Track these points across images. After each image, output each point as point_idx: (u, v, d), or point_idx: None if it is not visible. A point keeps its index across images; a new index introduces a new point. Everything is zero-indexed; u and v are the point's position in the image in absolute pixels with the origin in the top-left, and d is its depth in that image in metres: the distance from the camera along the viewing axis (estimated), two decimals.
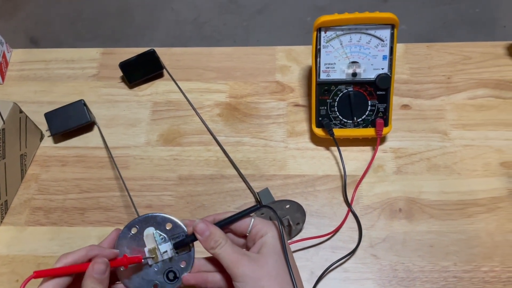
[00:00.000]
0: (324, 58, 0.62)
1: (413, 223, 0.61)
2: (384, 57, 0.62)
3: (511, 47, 0.74)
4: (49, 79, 0.76)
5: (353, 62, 0.62)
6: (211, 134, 0.69)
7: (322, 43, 0.62)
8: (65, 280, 0.40)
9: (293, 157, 0.67)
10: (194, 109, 0.72)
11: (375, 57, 0.62)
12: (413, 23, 1.74)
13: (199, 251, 0.45)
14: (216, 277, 0.45)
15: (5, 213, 0.64)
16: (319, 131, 0.66)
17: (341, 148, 0.65)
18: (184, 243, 0.44)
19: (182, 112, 0.72)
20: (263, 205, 0.48)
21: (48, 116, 0.69)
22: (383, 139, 0.68)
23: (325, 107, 0.65)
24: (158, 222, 0.44)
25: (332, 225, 0.61)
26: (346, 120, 0.65)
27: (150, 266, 0.44)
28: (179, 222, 0.44)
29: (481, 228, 0.60)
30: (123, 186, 0.65)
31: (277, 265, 0.42)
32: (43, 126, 0.70)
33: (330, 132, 0.64)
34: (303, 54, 0.76)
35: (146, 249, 0.44)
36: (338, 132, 0.65)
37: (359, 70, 0.63)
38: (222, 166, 0.67)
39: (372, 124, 0.65)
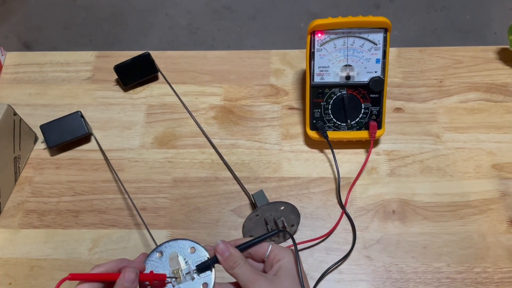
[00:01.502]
0: (318, 61, 0.63)
1: (406, 224, 0.62)
2: (377, 61, 0.63)
3: (502, 52, 0.76)
4: (44, 82, 0.76)
5: (347, 66, 0.63)
6: (206, 136, 0.69)
7: (316, 46, 0.62)
8: (96, 286, 0.42)
9: (288, 160, 0.67)
10: (189, 112, 0.72)
11: (368, 61, 0.63)
12: (404, 29, 1.76)
13: (220, 275, 0.47)
14: None
15: None
16: (313, 134, 0.66)
17: (335, 150, 0.66)
18: (205, 264, 0.46)
19: (177, 115, 0.72)
20: (280, 230, 0.52)
21: (44, 128, 0.68)
22: (376, 142, 0.68)
23: (319, 110, 0.65)
24: (182, 247, 0.47)
25: (326, 227, 0.62)
26: (340, 123, 0.66)
27: (173, 286, 0.46)
28: (202, 247, 0.47)
29: (473, 230, 0.61)
30: (117, 189, 0.65)
31: (292, 286, 0.44)
32: (37, 129, 0.70)
33: (324, 135, 0.65)
34: (297, 58, 0.77)
35: (169, 270, 0.46)
36: (332, 134, 0.66)
37: (352, 73, 0.63)
38: (217, 168, 0.67)
39: (366, 126, 0.66)
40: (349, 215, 0.62)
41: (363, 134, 0.66)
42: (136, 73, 0.73)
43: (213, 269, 0.46)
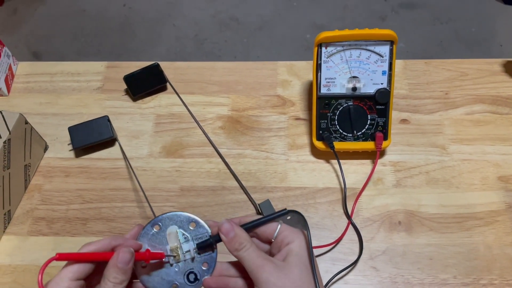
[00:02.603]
0: (324, 73, 0.64)
1: (412, 235, 0.62)
2: (384, 72, 0.63)
3: (507, 64, 0.76)
4: (54, 92, 0.77)
5: (353, 77, 0.64)
6: (213, 146, 0.70)
7: (323, 58, 0.63)
8: (86, 267, 0.38)
9: (294, 170, 0.68)
10: (196, 121, 0.73)
11: (375, 72, 0.63)
12: (410, 41, 1.78)
13: (222, 253, 0.44)
14: (238, 283, 0.43)
15: (8, 223, 0.64)
16: (319, 144, 0.67)
17: (341, 161, 0.66)
18: (207, 243, 0.42)
19: (185, 125, 0.73)
20: (292, 210, 0.45)
21: (72, 129, 0.69)
22: (382, 153, 0.69)
23: (326, 121, 0.66)
24: (181, 221, 0.43)
25: (332, 237, 0.62)
26: (346, 134, 0.66)
27: (171, 265, 0.42)
28: (203, 222, 0.43)
29: (480, 241, 0.61)
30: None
31: (303, 276, 0.40)
32: (48, 137, 0.71)
33: (330, 145, 0.65)
34: (304, 69, 0.78)
35: (168, 247, 0.43)
36: (338, 145, 0.66)
37: (359, 84, 0.64)
38: (224, 178, 0.67)
39: (372, 137, 0.66)
40: (356, 226, 0.62)
41: (369, 145, 0.66)
42: (145, 83, 0.74)
43: (216, 250, 0.43)
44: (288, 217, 0.53)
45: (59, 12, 1.97)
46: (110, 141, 0.71)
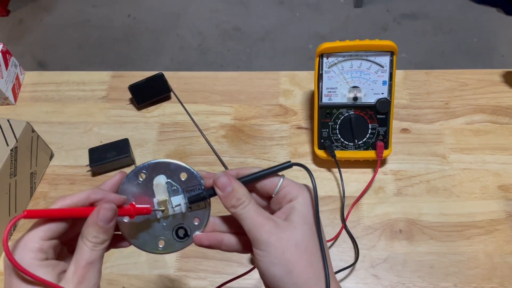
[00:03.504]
0: (326, 83, 0.65)
1: (413, 244, 0.62)
2: (384, 83, 0.64)
3: (507, 75, 0.77)
4: (60, 101, 0.78)
5: (354, 87, 0.65)
6: (216, 154, 0.71)
7: (324, 68, 0.64)
8: (60, 226, 0.33)
9: (296, 178, 0.68)
10: (200, 130, 0.74)
11: (375, 82, 0.64)
12: (412, 51, 1.79)
13: (215, 206, 0.40)
14: (233, 239, 0.39)
15: (14, 229, 0.65)
16: (321, 153, 0.68)
17: (342, 169, 0.67)
18: (200, 197, 0.38)
19: (188, 133, 0.74)
20: (297, 163, 0.40)
21: (92, 150, 0.69)
22: (383, 162, 0.69)
23: (327, 130, 0.67)
24: (171, 171, 0.38)
25: (334, 245, 0.62)
26: (347, 143, 0.67)
27: (159, 220, 0.38)
28: (196, 173, 0.38)
29: (480, 250, 0.62)
30: None
31: (307, 237, 0.36)
32: (53, 145, 0.72)
33: (331, 154, 0.66)
34: (306, 79, 0.79)
35: (155, 200, 0.38)
36: (339, 154, 0.67)
37: (359, 94, 0.65)
38: None
39: (373, 146, 0.67)
40: (348, 229, 0.63)
41: (370, 154, 0.67)
42: (150, 93, 0.75)
43: (209, 204, 0.39)
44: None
45: (64, 22, 2.00)
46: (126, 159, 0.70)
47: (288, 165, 0.38)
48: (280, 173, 0.39)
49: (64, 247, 0.36)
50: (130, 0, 2.04)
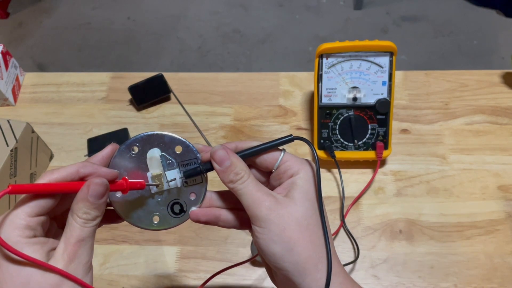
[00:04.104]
0: (325, 83, 0.65)
1: (413, 244, 0.62)
2: (384, 83, 0.64)
3: (506, 75, 0.77)
4: (60, 102, 0.78)
5: (354, 87, 0.65)
6: None
7: (324, 69, 0.64)
8: (48, 202, 0.32)
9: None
10: (199, 131, 0.74)
11: (375, 83, 0.64)
12: (412, 53, 1.79)
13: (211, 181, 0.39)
14: (230, 215, 0.38)
15: None
16: (321, 153, 0.68)
17: (342, 170, 0.67)
18: (196, 172, 0.36)
19: (188, 134, 0.74)
20: (299, 136, 0.38)
21: (90, 141, 0.71)
22: (383, 162, 0.69)
23: (327, 130, 0.67)
24: (165, 143, 0.36)
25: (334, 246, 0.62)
26: (347, 143, 0.67)
27: (153, 196, 0.37)
28: (192, 146, 0.37)
29: (480, 250, 0.61)
30: None
31: (308, 214, 0.35)
32: (53, 146, 0.72)
33: (331, 155, 0.66)
34: (305, 80, 0.79)
35: (149, 174, 0.36)
36: (339, 154, 0.67)
37: (359, 95, 0.65)
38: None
39: (373, 147, 0.67)
40: (348, 230, 0.63)
41: (370, 154, 0.67)
42: (149, 94, 0.75)
43: (206, 179, 0.37)
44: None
45: (64, 24, 2.00)
46: None
47: (289, 139, 0.37)
48: (281, 148, 0.38)
49: (54, 222, 0.35)
50: (130, 2, 2.05)
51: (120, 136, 0.70)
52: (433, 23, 1.90)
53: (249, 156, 0.37)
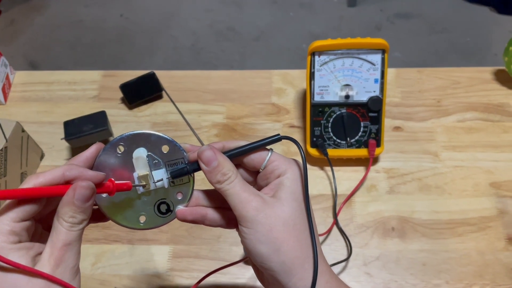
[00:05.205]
0: (318, 81, 0.65)
1: (405, 241, 0.62)
2: (376, 81, 0.64)
3: (498, 73, 0.77)
4: (51, 100, 0.78)
5: (346, 85, 0.65)
6: None
7: (316, 66, 0.64)
8: (33, 207, 0.31)
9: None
10: (192, 129, 0.73)
11: (367, 81, 0.64)
12: (406, 51, 1.79)
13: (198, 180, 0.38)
14: (217, 214, 0.38)
15: None
16: (313, 151, 0.68)
17: (335, 168, 0.67)
18: (183, 172, 0.36)
19: (180, 133, 0.73)
20: (286, 136, 0.38)
21: (66, 123, 0.68)
22: (375, 160, 0.69)
23: (319, 128, 0.67)
24: (151, 143, 0.36)
25: (326, 243, 0.62)
26: (339, 141, 0.67)
27: (139, 197, 0.36)
28: (179, 146, 0.36)
29: (472, 247, 0.62)
30: None
31: (295, 214, 0.35)
32: (44, 145, 0.72)
33: (324, 152, 0.66)
34: (298, 77, 0.79)
35: (135, 175, 0.36)
36: (332, 152, 0.67)
37: (351, 92, 0.65)
38: None
39: (365, 144, 0.67)
40: (341, 227, 0.63)
41: (362, 152, 0.67)
42: (141, 92, 0.75)
43: (193, 179, 0.37)
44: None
45: (57, 22, 1.99)
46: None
47: (276, 138, 0.37)
48: (268, 147, 0.38)
49: (39, 225, 0.34)
50: (122, 0, 2.03)
51: (97, 118, 0.68)
52: (427, 20, 1.90)
53: (237, 156, 0.37)
